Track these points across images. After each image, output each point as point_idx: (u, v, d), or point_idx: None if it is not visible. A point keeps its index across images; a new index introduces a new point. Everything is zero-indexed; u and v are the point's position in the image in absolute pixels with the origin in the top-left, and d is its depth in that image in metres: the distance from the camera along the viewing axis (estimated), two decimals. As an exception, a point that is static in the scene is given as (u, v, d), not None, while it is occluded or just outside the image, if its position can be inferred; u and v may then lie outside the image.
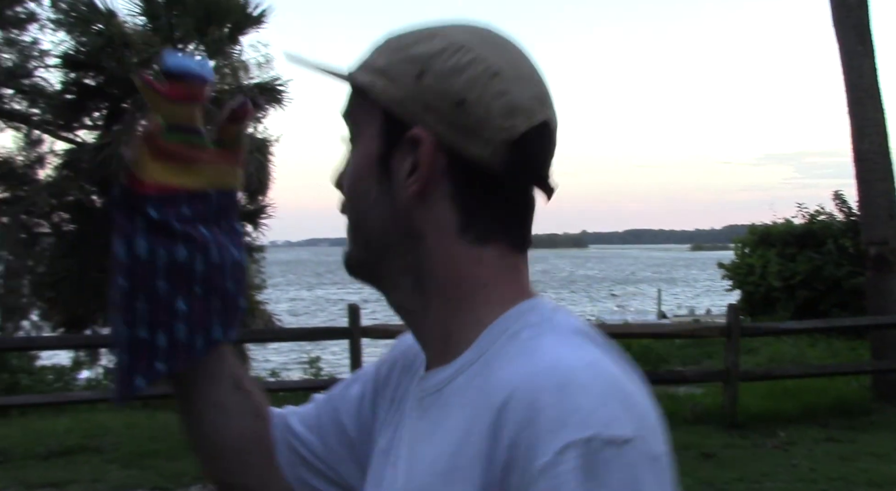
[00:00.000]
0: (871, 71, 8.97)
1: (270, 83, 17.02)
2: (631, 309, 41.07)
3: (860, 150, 8.99)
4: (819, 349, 12.53)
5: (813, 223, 15.63)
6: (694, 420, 7.78)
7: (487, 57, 0.77)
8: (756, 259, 16.05)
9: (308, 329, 11.58)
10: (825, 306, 14.46)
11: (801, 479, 5.91)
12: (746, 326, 9.23)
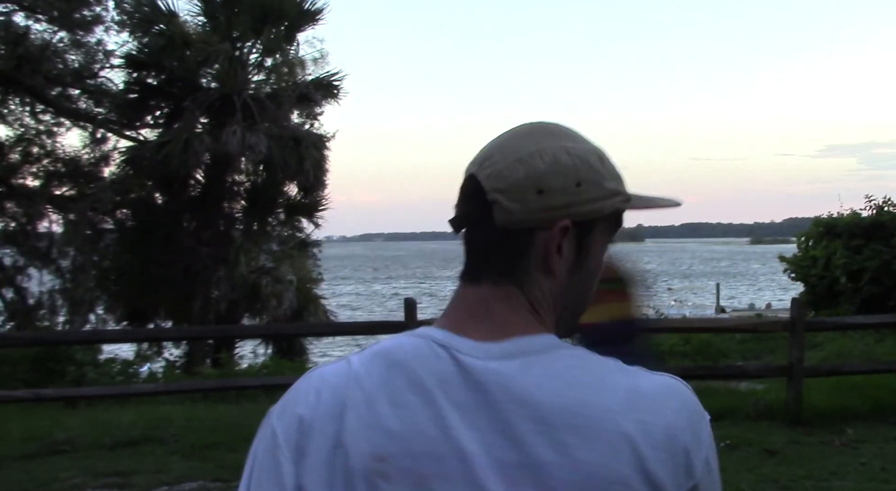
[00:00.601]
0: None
1: (326, 79, 17.17)
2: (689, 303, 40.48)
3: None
4: (887, 345, 12.15)
5: (881, 215, 15.15)
6: (756, 416, 7.61)
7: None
8: (820, 251, 15.63)
9: (365, 323, 11.63)
10: (894, 301, 14.01)
11: (871, 478, 5.72)
12: (811, 321, 9.00)
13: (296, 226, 17.64)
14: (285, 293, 15.59)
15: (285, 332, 12.65)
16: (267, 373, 10.09)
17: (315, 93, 17.00)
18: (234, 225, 16.77)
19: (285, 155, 15.73)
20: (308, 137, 16.49)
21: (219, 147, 15.17)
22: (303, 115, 17.81)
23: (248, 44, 16.84)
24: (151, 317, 16.09)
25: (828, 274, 15.26)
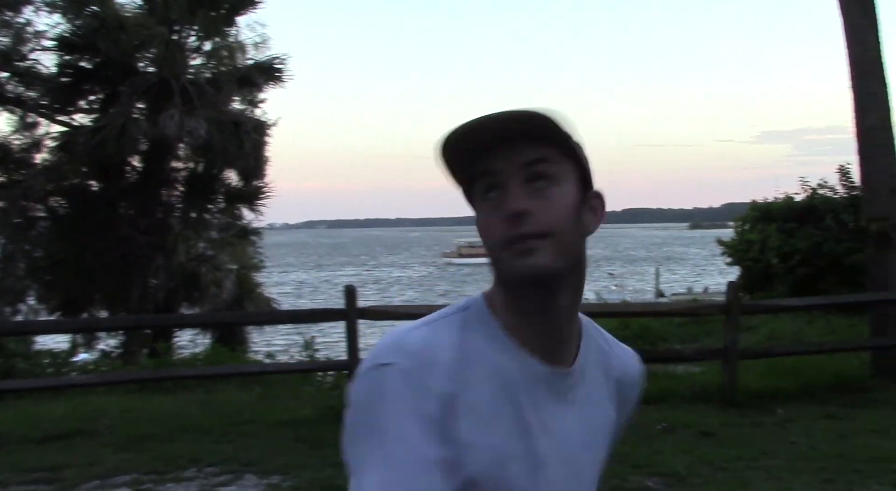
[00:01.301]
0: (875, 45, 8.85)
1: (268, 63, 16.88)
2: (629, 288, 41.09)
3: (863, 126, 8.89)
4: (818, 326, 12.49)
5: (814, 198, 15.54)
6: (692, 398, 7.74)
7: None
8: (756, 235, 15.98)
9: (304, 311, 11.53)
10: (824, 283, 14.39)
11: (800, 457, 5.87)
12: (746, 304, 9.18)
13: (236, 213, 17.35)
14: (225, 281, 15.35)
15: (224, 320, 12.45)
16: (205, 362, 9.94)
17: (257, 77, 16.68)
18: (172, 212, 16.42)
19: (225, 140, 15.42)
20: (249, 122, 16.19)
21: (156, 132, 14.82)
22: (244, 100, 17.48)
23: (185, 27, 16.45)
24: (86, 306, 15.69)
25: (763, 257, 15.62)
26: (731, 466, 5.67)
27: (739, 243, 16.55)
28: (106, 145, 14.42)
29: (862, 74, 8.86)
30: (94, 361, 11.94)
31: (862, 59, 8.87)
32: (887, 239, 8.69)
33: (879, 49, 8.86)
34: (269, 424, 7.11)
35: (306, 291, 52.65)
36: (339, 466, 4.25)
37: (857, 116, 8.92)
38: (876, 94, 8.80)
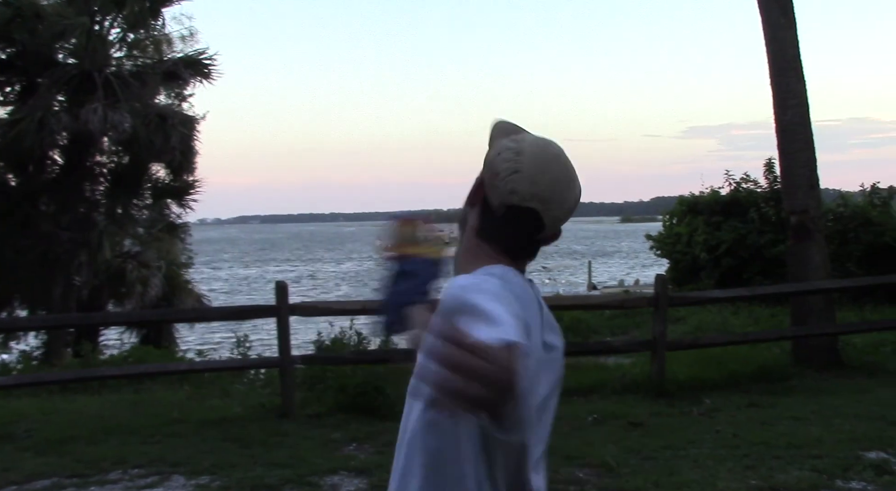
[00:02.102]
0: (793, 43, 9.10)
1: (195, 57, 16.51)
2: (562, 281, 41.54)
3: (782, 122, 9.14)
4: (742, 317, 12.84)
5: (738, 192, 15.95)
6: (622, 390, 7.87)
7: (524, 162, 1.46)
8: (683, 228, 16.33)
9: (233, 308, 11.33)
10: (748, 274, 14.81)
11: (724, 444, 6.01)
12: (673, 296, 9.34)
13: (164, 209, 16.95)
14: (152, 279, 14.99)
15: (150, 318, 12.15)
16: (131, 361, 9.69)
17: (184, 71, 16.31)
18: (96, 208, 15.96)
19: (151, 134, 15.06)
20: (176, 116, 15.83)
21: (78, 126, 14.38)
22: (171, 94, 17.10)
23: (108, 18, 16.00)
24: (5, 306, 15.15)
25: (690, 250, 15.98)
26: (658, 456, 5.77)
27: (668, 237, 16.90)
28: (24, 139, 13.93)
29: (781, 72, 9.11)
30: (12, 363, 11.53)
31: (780, 57, 9.12)
32: (806, 231, 8.96)
33: (797, 47, 9.12)
34: (198, 424, 6.97)
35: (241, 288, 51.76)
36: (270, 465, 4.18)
37: (777, 113, 9.17)
38: (794, 91, 9.06)
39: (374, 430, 6.72)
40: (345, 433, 6.66)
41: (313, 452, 6.05)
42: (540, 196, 1.45)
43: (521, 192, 1.45)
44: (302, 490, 5.22)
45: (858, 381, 8.07)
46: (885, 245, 14.21)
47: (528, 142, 1.49)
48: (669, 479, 5.21)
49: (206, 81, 16.50)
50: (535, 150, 1.48)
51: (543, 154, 1.47)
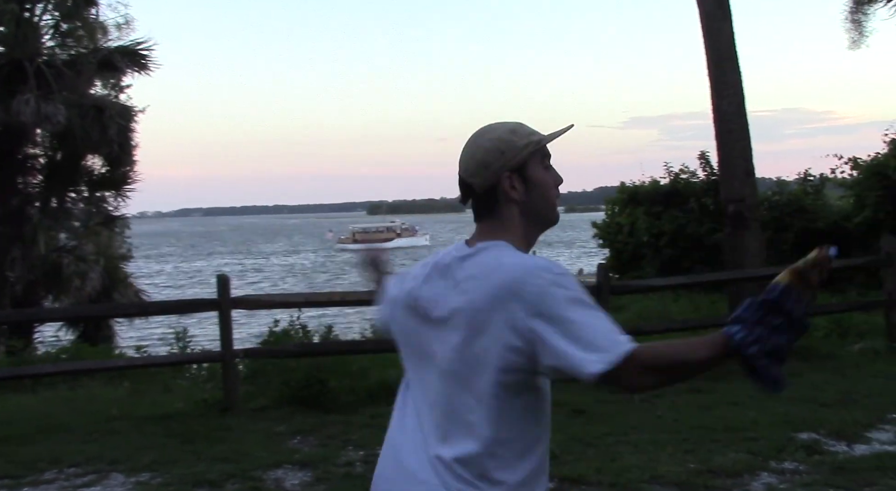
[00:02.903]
0: (728, 34, 9.27)
1: (132, 47, 16.12)
2: (508, 271, 41.72)
3: (719, 111, 9.32)
4: (682, 304, 13.06)
5: (677, 182, 16.22)
6: (567, 378, 7.94)
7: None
8: (625, 218, 16.55)
9: (174, 302, 11.14)
10: (688, 262, 15.08)
11: (665, 429, 6.13)
12: (615, 284, 9.48)
13: (101, 202, 16.56)
14: (90, 273, 14.63)
15: (87, 313, 11.85)
16: (67, 358, 9.45)
17: (120, 60, 15.90)
18: (30, 201, 15.53)
19: (87, 126, 14.68)
20: (113, 107, 15.46)
21: (9, 117, 13.95)
22: (107, 85, 16.69)
23: (39, 5, 15.53)
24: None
25: (631, 239, 16.21)
26: (601, 442, 5.86)
27: (610, 226, 17.11)
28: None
29: (717, 62, 9.28)
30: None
31: (716, 48, 9.29)
32: (743, 219, 9.16)
33: (732, 38, 9.29)
34: (138, 420, 6.85)
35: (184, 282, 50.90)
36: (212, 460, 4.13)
37: (714, 103, 9.34)
38: (730, 81, 9.24)
39: (319, 422, 6.68)
40: (289, 426, 6.61)
41: (257, 446, 5.99)
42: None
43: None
44: (245, 485, 5.16)
45: (792, 365, 8.22)
46: (818, 231, 14.60)
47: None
48: (611, 464, 5.29)
49: (143, 73, 16.14)
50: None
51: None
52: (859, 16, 16.06)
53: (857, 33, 17.23)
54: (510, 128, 1.83)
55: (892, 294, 8.71)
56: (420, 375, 1.83)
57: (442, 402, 1.76)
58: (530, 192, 1.81)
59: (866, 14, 15.97)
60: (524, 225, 1.83)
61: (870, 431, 5.88)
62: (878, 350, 8.63)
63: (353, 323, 17.58)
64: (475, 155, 1.81)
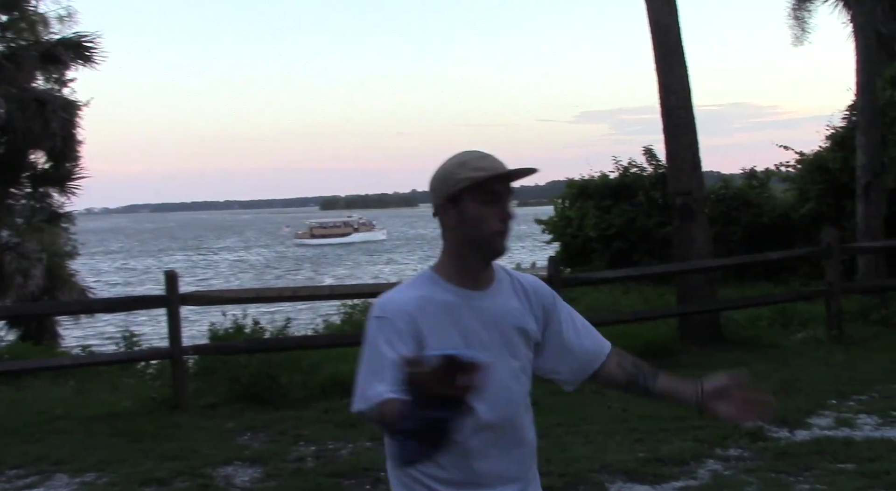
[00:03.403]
0: (675, 29, 9.41)
1: (76, 39, 15.76)
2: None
3: (667, 106, 9.45)
4: (632, 296, 13.24)
5: (626, 176, 16.42)
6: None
7: (437, 175, 1.99)
8: (574, 212, 16.69)
9: (120, 299, 10.97)
10: (637, 255, 15.29)
11: (614, 419, 6.21)
12: (566, 277, 9.59)
13: (45, 198, 16.16)
14: (33, 270, 14.27)
15: (29, 311, 11.55)
16: (9, 357, 9.23)
17: (64, 53, 15.53)
18: (-31, 198, 15.09)
19: (28, 120, 14.30)
20: (55, 101, 15.09)
21: (-54, 111, 13.54)
22: (50, 78, 16.28)
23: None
24: None
25: (581, 233, 16.36)
26: (551, 433, 5.90)
27: (560, 220, 17.24)
28: None
29: (664, 57, 9.41)
30: None
31: (664, 43, 9.42)
32: (690, 212, 9.31)
33: (679, 33, 9.43)
34: (84, 420, 6.72)
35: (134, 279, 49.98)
36: (161, 458, 4.08)
37: (662, 97, 9.48)
38: (677, 76, 9.38)
39: (269, 418, 6.64)
40: (239, 423, 6.55)
41: (206, 444, 5.93)
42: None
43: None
44: (194, 482, 5.10)
45: (738, 354, 8.46)
46: (762, 225, 14.92)
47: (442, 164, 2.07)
48: (562, 455, 5.35)
49: (88, 66, 15.78)
50: (449, 160, 2.03)
51: (455, 157, 2.05)
52: (802, 13, 16.41)
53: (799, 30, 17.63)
54: (461, 160, 1.96)
55: (832, 284, 8.94)
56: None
57: None
58: (462, 223, 1.94)
59: (808, 11, 16.32)
60: (460, 252, 1.97)
61: (811, 418, 6.04)
62: (819, 339, 8.86)
63: (305, 319, 17.50)
64: (432, 179, 1.99)
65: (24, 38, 15.64)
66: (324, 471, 5.14)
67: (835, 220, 12.68)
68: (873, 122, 11.07)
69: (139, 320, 18.59)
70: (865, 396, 6.60)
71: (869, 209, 10.84)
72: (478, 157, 1.95)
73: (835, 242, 9.05)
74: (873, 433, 5.61)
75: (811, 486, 4.68)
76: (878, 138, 11.25)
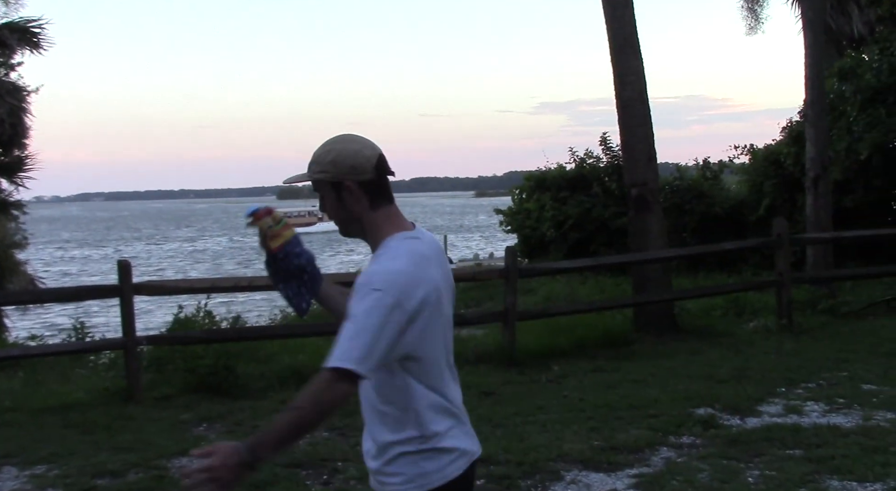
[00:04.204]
0: (630, 21, 9.48)
1: (22, 24, 15.38)
2: (418, 255, 41.81)
3: (622, 97, 9.53)
4: (589, 286, 13.38)
5: (583, 167, 16.53)
6: (476, 360, 8.03)
7: (346, 152, 2.11)
8: (533, 204, 16.77)
9: (70, 288, 10.76)
10: (594, 246, 15.43)
11: (570, 408, 6.28)
12: (523, 268, 9.65)
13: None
14: (-21, 260, 13.97)
15: (-24, 302, 11.29)
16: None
17: (10, 37, 15.15)
18: (-87, 185, 14.67)
19: (-26, 105, 13.96)
20: (2, 86, 14.73)
21: None
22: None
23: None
24: None
25: (539, 225, 16.45)
26: (509, 422, 5.96)
27: (518, 212, 17.31)
28: None
29: (619, 49, 9.48)
30: None
31: (619, 35, 9.48)
32: (645, 203, 9.42)
33: (634, 25, 9.50)
34: (34, 412, 6.61)
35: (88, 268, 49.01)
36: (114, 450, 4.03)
37: (617, 89, 9.55)
38: (632, 67, 9.45)
39: (226, 409, 6.59)
40: (195, 414, 6.49)
41: (161, 435, 5.87)
42: (375, 151, 2.14)
43: (366, 161, 2.11)
44: (148, 474, 5.05)
45: (692, 343, 8.60)
46: (715, 215, 15.14)
47: (335, 142, 2.15)
48: (519, 444, 5.39)
49: (35, 52, 15.42)
50: (343, 140, 2.15)
51: (351, 139, 2.16)
52: (755, 4, 16.66)
53: (753, 20, 17.92)
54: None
55: (782, 274, 9.13)
56: (446, 358, 2.16)
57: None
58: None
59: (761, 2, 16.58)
60: None
61: (761, 405, 6.16)
62: (770, 328, 9.05)
63: (262, 309, 17.36)
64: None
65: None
66: (281, 461, 5.11)
67: (788, 213, 12.92)
68: (822, 116, 11.29)
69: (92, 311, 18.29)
70: (813, 384, 6.76)
71: (818, 201, 11.06)
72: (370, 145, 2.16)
73: (785, 234, 9.23)
74: (820, 420, 5.75)
75: (761, 472, 4.79)
76: (826, 131, 11.48)
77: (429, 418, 2.07)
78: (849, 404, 6.10)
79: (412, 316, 1.98)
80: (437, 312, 2.07)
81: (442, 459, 2.08)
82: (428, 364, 2.07)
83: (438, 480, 2.07)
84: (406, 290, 1.97)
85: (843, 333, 8.84)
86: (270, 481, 4.84)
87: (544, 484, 4.76)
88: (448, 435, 2.10)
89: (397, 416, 2.07)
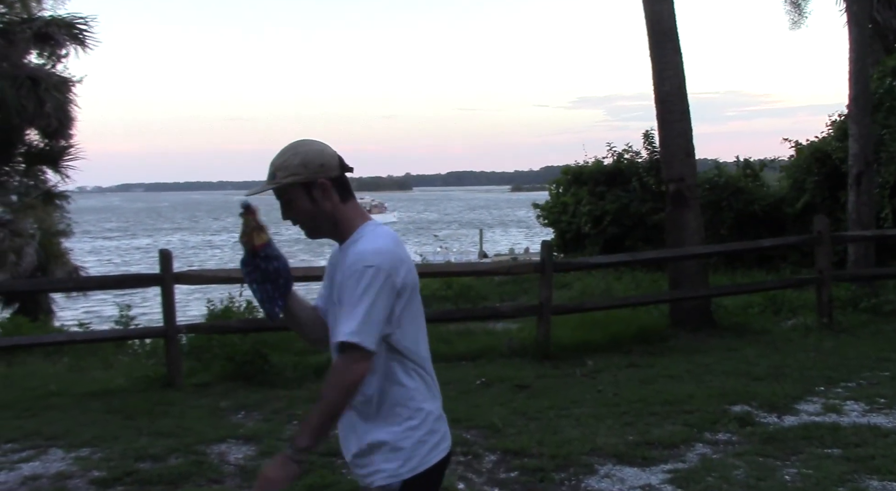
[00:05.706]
0: (669, 15, 9.40)
1: (69, 19, 15.69)
2: (454, 250, 41.94)
3: (660, 92, 9.46)
4: (624, 282, 13.29)
5: (620, 162, 16.42)
6: (510, 354, 8.06)
7: (312, 152, 2.25)
8: (569, 198, 16.70)
9: (115, 277, 10.95)
10: (631, 241, 15.32)
11: (605, 403, 6.27)
12: (558, 262, 9.62)
13: (39, 175, 16.13)
14: (26, 248, 14.25)
15: (23, 288, 11.50)
16: (3, 333, 9.25)
17: (57, 32, 15.46)
18: (-37, 175, 15.03)
19: (22, 98, 14.26)
20: (49, 79, 15.03)
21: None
22: (43, 55, 16.20)
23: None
24: None
25: (575, 220, 16.38)
26: (543, 416, 5.97)
27: (554, 206, 17.25)
28: None
29: (658, 44, 9.41)
30: None
31: (658, 29, 9.40)
32: (683, 199, 9.35)
33: (674, 19, 9.42)
34: (78, 397, 6.77)
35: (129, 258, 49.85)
36: (155, 435, 4.14)
37: (656, 84, 9.48)
38: (671, 62, 9.37)
39: (263, 397, 6.68)
40: (233, 402, 6.59)
41: (200, 422, 5.97)
42: (334, 149, 2.27)
43: (331, 159, 2.24)
44: (188, 459, 5.15)
45: (728, 340, 8.53)
46: (753, 213, 14.94)
47: (296, 145, 2.26)
48: (553, 437, 5.41)
49: (82, 48, 15.74)
50: (302, 143, 2.26)
51: (310, 141, 2.28)
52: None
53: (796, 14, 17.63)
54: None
55: (822, 272, 9.01)
56: (422, 334, 2.30)
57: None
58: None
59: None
60: None
61: (799, 403, 6.10)
62: (809, 326, 8.93)
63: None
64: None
65: (16, 15, 15.53)
66: (317, 450, 5.19)
67: (829, 211, 12.70)
68: (866, 112, 11.09)
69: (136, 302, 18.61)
70: (853, 383, 6.67)
71: (860, 198, 10.87)
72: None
73: (825, 231, 9.11)
74: (860, 419, 5.68)
75: (798, 470, 4.74)
76: (869, 128, 11.27)
77: (412, 405, 2.24)
78: (890, 404, 6.01)
79: (399, 291, 2.16)
80: (415, 294, 2.25)
81: (425, 447, 2.24)
82: (408, 340, 2.23)
83: (422, 464, 2.23)
84: (394, 265, 2.15)
85: (885, 331, 8.70)
86: (307, 469, 4.91)
87: (578, 477, 4.77)
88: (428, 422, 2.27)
89: (379, 405, 2.22)
